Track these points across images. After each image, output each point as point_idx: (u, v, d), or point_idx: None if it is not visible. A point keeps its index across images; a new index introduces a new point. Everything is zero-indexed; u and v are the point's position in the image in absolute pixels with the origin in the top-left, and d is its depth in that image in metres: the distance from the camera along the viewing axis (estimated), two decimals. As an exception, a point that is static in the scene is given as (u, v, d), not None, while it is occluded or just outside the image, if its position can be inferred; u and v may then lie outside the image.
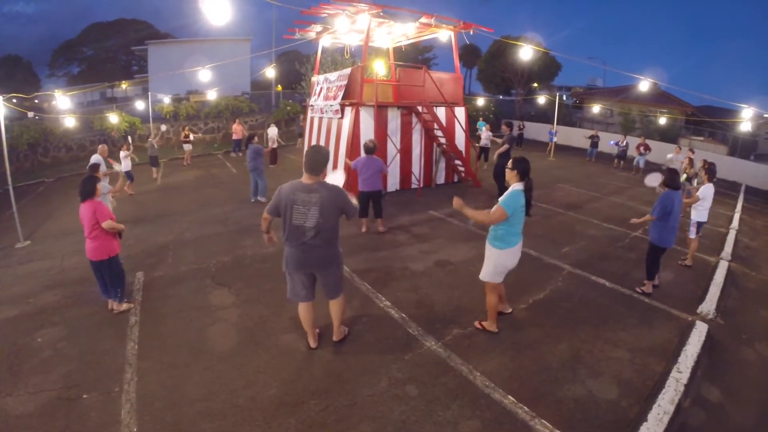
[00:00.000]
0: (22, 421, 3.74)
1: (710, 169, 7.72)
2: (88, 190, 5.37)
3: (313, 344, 4.75)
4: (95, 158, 9.69)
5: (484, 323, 5.20)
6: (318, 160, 4.18)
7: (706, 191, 7.59)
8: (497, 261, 4.80)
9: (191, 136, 19.08)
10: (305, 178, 4.23)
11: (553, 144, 22.81)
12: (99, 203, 5.39)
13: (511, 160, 4.68)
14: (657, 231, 6.34)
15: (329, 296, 4.63)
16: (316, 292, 4.66)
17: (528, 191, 4.59)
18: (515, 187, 4.61)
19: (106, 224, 5.26)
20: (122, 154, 12.70)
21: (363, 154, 8.64)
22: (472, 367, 4.47)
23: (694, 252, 7.87)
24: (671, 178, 6.38)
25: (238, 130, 21.07)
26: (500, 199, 4.62)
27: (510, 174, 4.68)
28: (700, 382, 4.42)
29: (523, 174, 4.61)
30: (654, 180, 6.64)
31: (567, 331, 5.23)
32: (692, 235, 7.80)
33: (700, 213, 7.74)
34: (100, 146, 10.50)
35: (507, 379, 4.28)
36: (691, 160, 12.98)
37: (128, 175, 12.57)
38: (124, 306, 5.70)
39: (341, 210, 4.26)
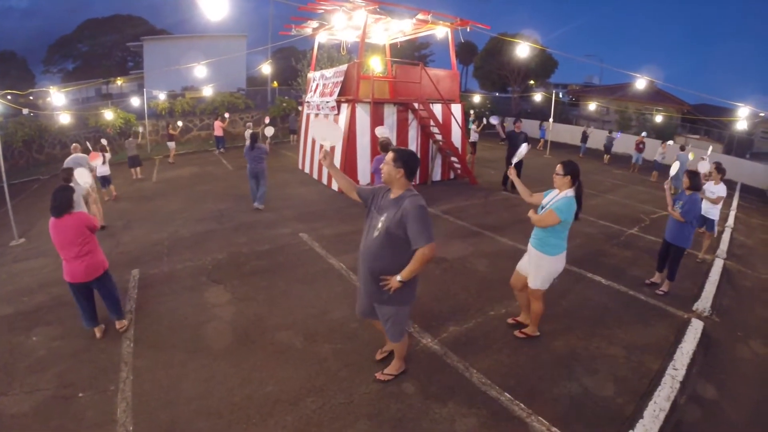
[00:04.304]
0: (17, 420, 3.72)
1: (721, 169, 8.08)
2: (67, 203, 4.65)
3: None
4: (70, 161, 9.25)
5: (525, 331, 5.06)
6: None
7: (723, 190, 8.03)
8: (550, 268, 4.64)
9: (177, 131, 18.72)
10: (410, 185, 3.65)
11: (543, 140, 23.01)
12: (81, 213, 4.83)
13: (561, 165, 4.45)
14: (686, 233, 6.32)
15: None
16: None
17: (579, 195, 4.42)
18: (568, 192, 4.42)
19: (100, 222, 4.92)
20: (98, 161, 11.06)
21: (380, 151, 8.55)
22: (468, 364, 4.48)
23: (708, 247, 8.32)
24: (694, 180, 6.30)
25: (218, 126, 20.99)
26: (555, 206, 4.41)
27: (562, 180, 4.45)
28: (695, 380, 4.44)
29: (575, 178, 4.40)
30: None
31: (563, 329, 5.24)
32: (716, 233, 8.37)
33: (718, 210, 8.20)
34: (73, 146, 10.20)
35: (503, 377, 4.29)
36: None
37: (106, 180, 11.76)
38: (126, 320, 5.26)
39: None
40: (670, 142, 17.42)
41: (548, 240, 4.56)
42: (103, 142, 12.72)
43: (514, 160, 5.09)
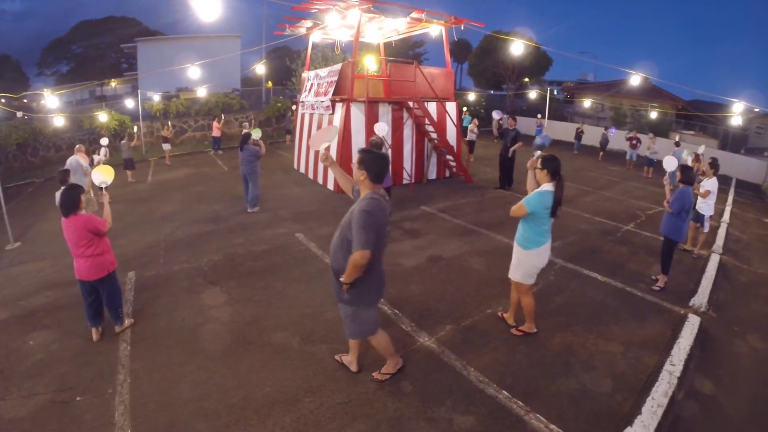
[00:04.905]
0: (15, 425, 3.70)
1: (715, 164, 8.09)
2: (72, 203, 4.71)
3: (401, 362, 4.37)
4: (70, 162, 9.41)
5: (522, 328, 5.07)
6: (388, 166, 3.66)
7: (714, 185, 7.99)
8: (527, 262, 4.70)
9: (171, 133, 18.69)
10: (377, 189, 3.59)
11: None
12: (88, 215, 4.83)
13: (540, 159, 4.52)
14: (674, 226, 6.38)
15: None
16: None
17: (558, 191, 4.43)
18: (544, 187, 4.46)
19: (109, 225, 4.93)
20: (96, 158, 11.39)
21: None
22: (465, 362, 4.48)
23: (703, 243, 8.28)
24: (686, 174, 6.42)
25: (216, 128, 21.17)
26: (526, 198, 4.50)
27: (540, 174, 4.51)
28: (693, 375, 4.46)
29: (554, 173, 4.43)
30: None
31: (560, 326, 5.25)
32: (706, 229, 8.17)
33: (709, 207, 8.08)
34: (77, 147, 10.23)
35: (501, 374, 4.29)
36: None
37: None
38: (127, 323, 5.27)
39: None
40: (650, 135, 17.43)
41: (525, 234, 4.65)
42: (104, 142, 12.62)
43: (537, 154, 5.06)
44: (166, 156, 18.65)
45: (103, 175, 5.41)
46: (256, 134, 10.69)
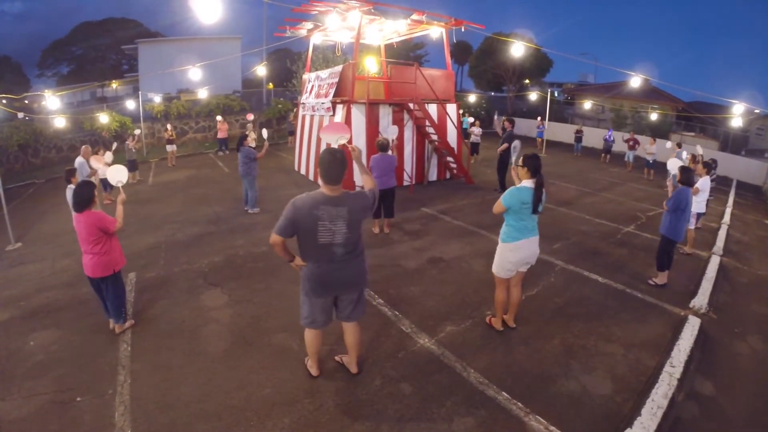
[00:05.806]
0: (15, 425, 3.70)
1: (707, 164, 8.35)
2: (86, 199, 4.80)
3: (316, 372, 4.27)
4: (78, 162, 9.47)
5: (491, 319, 5.26)
6: (339, 168, 3.57)
7: (704, 183, 8.20)
8: (501, 254, 4.90)
9: (173, 134, 18.68)
10: (327, 190, 3.61)
11: (542, 140, 23.06)
12: (100, 213, 4.89)
13: (522, 158, 4.67)
14: (672, 225, 6.45)
15: (354, 316, 4.06)
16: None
17: (538, 188, 4.55)
18: (524, 183, 4.61)
19: (119, 225, 5.00)
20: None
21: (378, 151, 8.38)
22: (465, 363, 4.48)
23: (693, 240, 8.27)
24: (685, 175, 6.52)
25: (223, 128, 21.31)
26: (503, 194, 4.67)
27: (521, 171, 4.66)
28: (693, 377, 4.46)
29: (535, 171, 4.56)
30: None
31: (560, 327, 5.25)
32: (691, 226, 8.14)
33: (699, 204, 8.20)
34: (83, 147, 10.25)
35: (501, 376, 4.29)
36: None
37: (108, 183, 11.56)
38: (127, 324, 5.28)
39: (366, 215, 3.83)
40: (637, 136, 17.42)
41: (504, 228, 4.86)
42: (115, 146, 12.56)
43: (513, 158, 5.20)
44: (170, 157, 18.64)
45: (117, 174, 5.52)
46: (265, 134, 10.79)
